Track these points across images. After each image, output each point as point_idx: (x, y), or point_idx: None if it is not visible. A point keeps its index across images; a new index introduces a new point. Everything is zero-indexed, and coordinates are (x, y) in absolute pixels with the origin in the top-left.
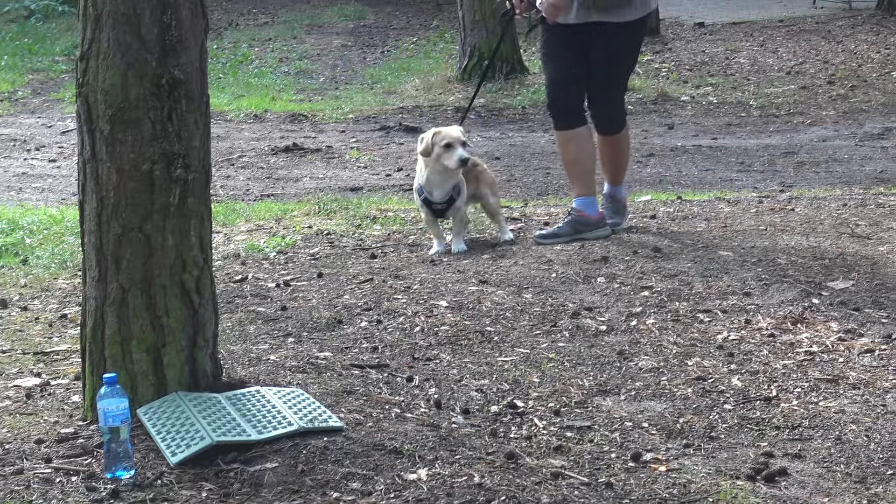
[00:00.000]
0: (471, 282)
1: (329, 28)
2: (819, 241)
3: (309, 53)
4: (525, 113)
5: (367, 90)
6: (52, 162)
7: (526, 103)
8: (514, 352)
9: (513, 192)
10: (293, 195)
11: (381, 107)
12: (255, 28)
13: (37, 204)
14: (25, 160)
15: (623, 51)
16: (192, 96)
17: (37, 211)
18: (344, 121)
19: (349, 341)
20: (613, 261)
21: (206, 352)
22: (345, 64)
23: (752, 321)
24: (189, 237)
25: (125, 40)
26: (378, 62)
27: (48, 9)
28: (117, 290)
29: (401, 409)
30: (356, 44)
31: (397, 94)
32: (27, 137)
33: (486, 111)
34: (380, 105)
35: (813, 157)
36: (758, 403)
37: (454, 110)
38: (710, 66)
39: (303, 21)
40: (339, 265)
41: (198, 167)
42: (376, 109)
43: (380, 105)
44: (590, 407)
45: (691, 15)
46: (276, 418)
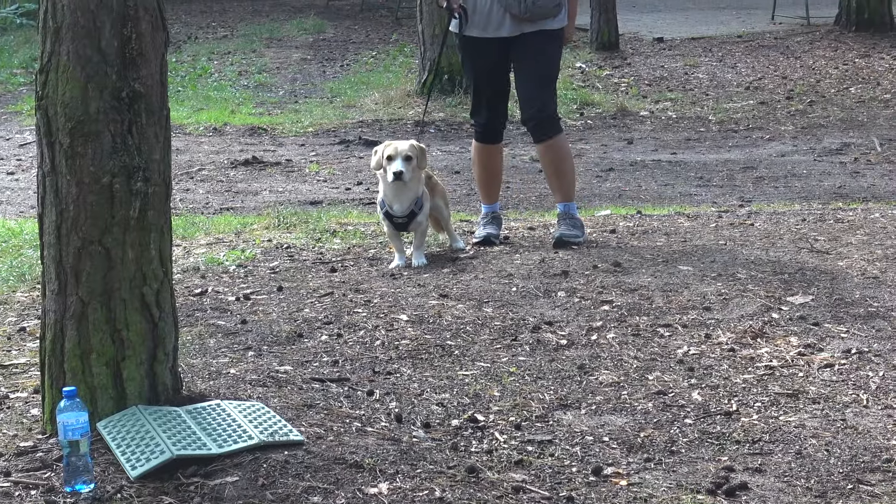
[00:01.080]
0: (431, 296)
1: (288, 42)
2: (779, 255)
3: (268, 67)
4: None
5: (326, 104)
6: (9, 175)
7: None
8: (475, 366)
9: (473, 206)
10: (253, 208)
11: (341, 120)
12: (214, 41)
13: None
14: None
15: (552, 58)
16: (153, 109)
17: None
18: (303, 134)
19: (309, 355)
20: (573, 275)
21: (167, 365)
22: (304, 77)
23: (712, 336)
24: (149, 250)
25: (85, 53)
26: (337, 76)
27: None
28: (77, 304)
29: (361, 422)
30: (315, 57)
31: (357, 108)
32: None
33: (445, 125)
34: (339, 119)
35: (772, 172)
36: (718, 418)
37: (414, 124)
38: (669, 81)
39: (262, 35)
40: (299, 279)
41: (158, 180)
42: (336, 123)
43: (339, 119)
44: (550, 421)
45: (650, 30)
46: (237, 432)
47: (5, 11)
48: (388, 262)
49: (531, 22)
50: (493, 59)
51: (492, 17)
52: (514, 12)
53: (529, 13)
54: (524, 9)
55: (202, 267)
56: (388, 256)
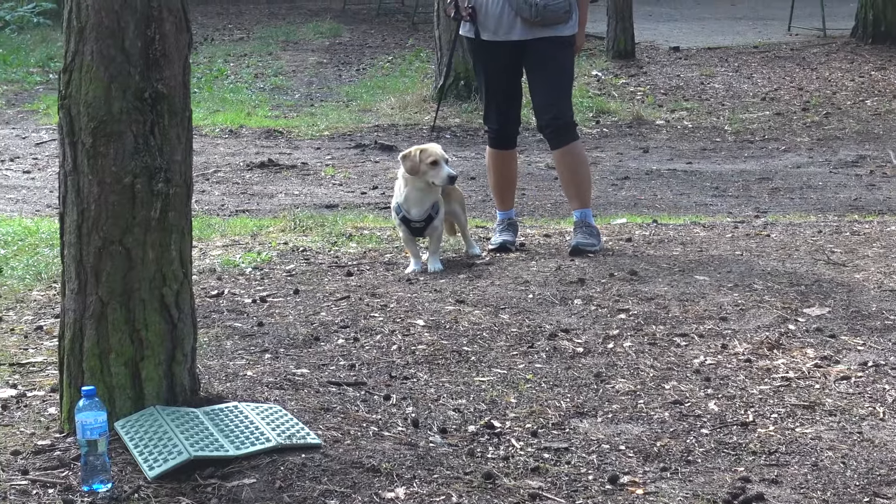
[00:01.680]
0: (448, 301)
1: (305, 45)
2: (795, 267)
3: (284, 70)
4: None
5: (342, 107)
6: (26, 173)
7: None
8: (492, 372)
9: (488, 213)
10: (268, 211)
11: (357, 124)
12: (230, 44)
13: (11, 215)
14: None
15: (565, 64)
16: (175, 110)
17: (11, 222)
18: (319, 138)
19: (326, 358)
20: (590, 283)
21: (185, 366)
22: (320, 81)
23: (728, 346)
24: (169, 251)
25: (109, 53)
26: (353, 80)
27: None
28: (96, 303)
29: (378, 427)
30: (332, 61)
31: (373, 112)
32: (1, 148)
33: (461, 131)
34: (355, 123)
35: (787, 183)
36: (734, 428)
37: (429, 129)
38: (685, 90)
39: (278, 37)
40: (315, 282)
41: (179, 181)
42: (352, 127)
43: (355, 123)
44: (567, 428)
45: (666, 39)
46: (254, 434)
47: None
48: (403, 267)
49: (542, 27)
50: (504, 62)
51: (502, 20)
52: (524, 16)
53: (540, 17)
54: (535, 13)
55: (218, 269)
56: (403, 261)
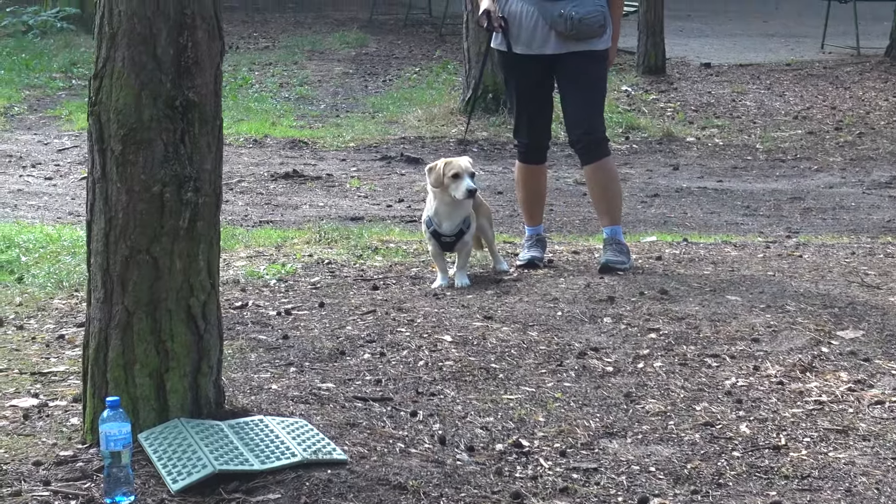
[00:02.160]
0: (475, 317)
1: (330, 55)
2: (828, 288)
3: (310, 80)
4: None
5: (368, 119)
6: (48, 180)
7: None
8: (520, 390)
9: (516, 228)
10: (293, 222)
11: (383, 136)
12: (255, 52)
13: (32, 222)
14: (21, 177)
15: (598, 78)
16: (206, 119)
17: (33, 229)
18: (345, 149)
19: (352, 373)
20: (620, 301)
21: (210, 378)
22: (346, 91)
23: (760, 368)
24: (197, 261)
25: (140, 60)
26: (380, 91)
27: (46, 25)
28: (122, 313)
29: (405, 443)
30: (358, 71)
31: (399, 124)
32: (23, 154)
33: (488, 144)
34: (381, 134)
35: (820, 203)
36: (766, 451)
37: (457, 142)
38: (716, 107)
39: (304, 47)
40: (340, 295)
41: (209, 191)
42: (378, 139)
43: (381, 134)
44: (596, 449)
45: (697, 55)
46: (280, 448)
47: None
48: (430, 282)
49: (576, 41)
50: (537, 77)
51: (536, 34)
52: (559, 30)
53: (575, 31)
54: (569, 26)
55: (242, 280)
56: (430, 276)
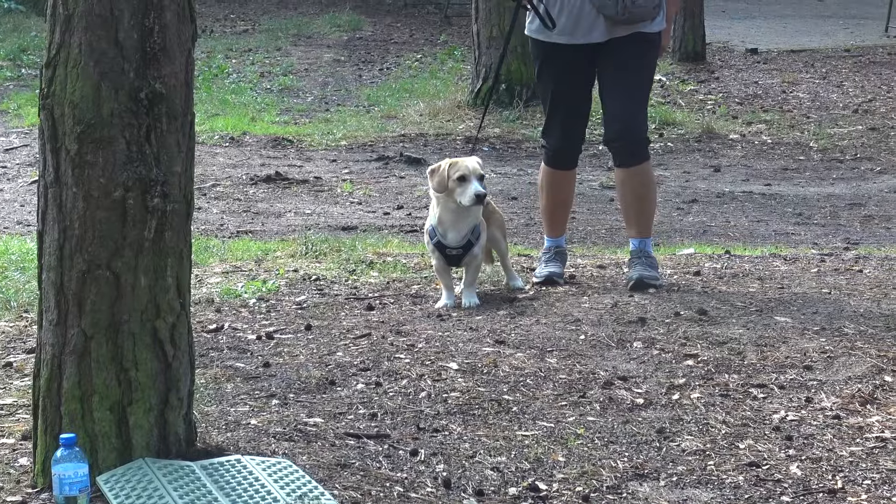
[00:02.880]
0: (485, 341)
1: (319, 40)
2: (892, 308)
3: (295, 68)
4: None
5: (362, 113)
6: None
7: None
8: (536, 425)
9: (531, 239)
10: (275, 233)
11: (379, 133)
12: (232, 37)
13: None
14: None
15: (648, 67)
16: (175, 114)
17: None
18: (335, 148)
19: (343, 406)
20: (652, 323)
21: (180, 412)
22: (337, 82)
23: (813, 399)
24: (165, 278)
25: (99, 46)
26: (376, 81)
27: None
28: (79, 337)
29: (404, 487)
30: (350, 59)
31: (398, 120)
32: None
33: (501, 143)
34: (377, 131)
35: (883, 210)
36: (820, 496)
37: (465, 140)
38: (763, 99)
39: (289, 30)
40: (330, 316)
41: (178, 196)
42: (373, 136)
43: (377, 131)
44: (624, 493)
45: (742, 40)
46: (260, 493)
47: None
48: (434, 301)
49: (626, 25)
50: (577, 70)
51: (582, 19)
52: (608, 13)
53: (628, 14)
54: (621, 9)
55: (217, 299)
56: (434, 294)
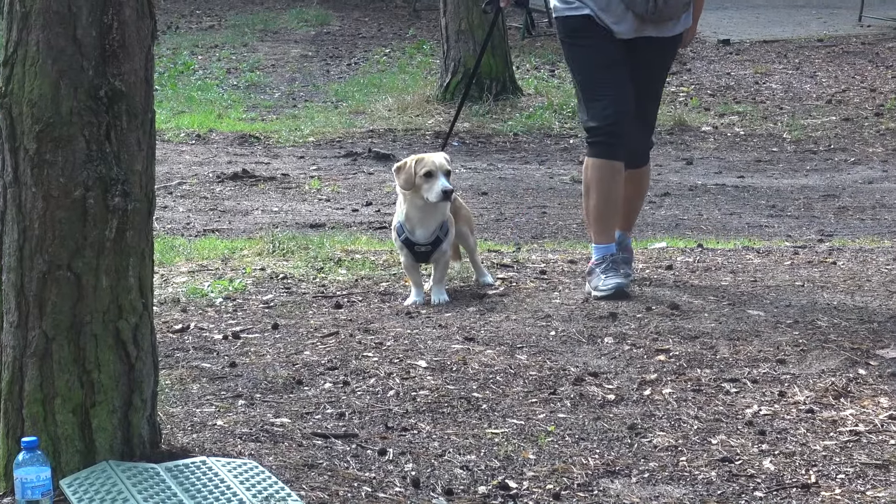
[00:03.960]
0: (455, 339)
1: (286, 35)
2: (866, 300)
3: (262, 64)
4: (517, 141)
5: (330, 109)
6: None
7: (519, 129)
8: (506, 423)
9: (502, 235)
10: (242, 231)
11: (348, 129)
12: (198, 33)
13: None
14: None
15: (667, 70)
16: (135, 112)
17: None
18: (303, 144)
19: (311, 406)
20: (623, 318)
21: (144, 414)
22: (304, 77)
23: (787, 393)
24: (127, 278)
25: (58, 43)
26: (344, 76)
27: None
28: (40, 339)
29: (372, 487)
30: (318, 54)
31: (366, 115)
32: None
33: (471, 138)
34: (346, 127)
35: (857, 201)
36: (794, 491)
37: (434, 135)
38: (736, 91)
39: (255, 26)
40: (297, 315)
41: (139, 195)
42: (341, 132)
43: (346, 127)
44: (595, 490)
45: (715, 31)
46: (226, 495)
47: None
48: (402, 298)
49: (653, 24)
50: (613, 49)
51: (610, 10)
52: (637, 11)
53: (658, 13)
54: (651, 8)
55: (183, 299)
56: (402, 291)
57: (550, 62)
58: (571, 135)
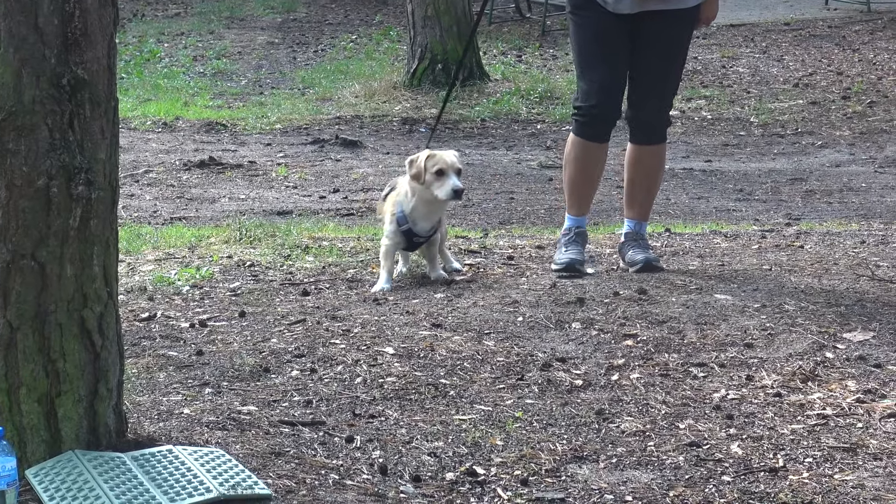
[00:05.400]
0: (422, 325)
1: (252, 22)
2: (833, 283)
3: (228, 51)
4: (485, 127)
5: (297, 96)
6: None
7: (486, 115)
8: (474, 409)
9: (470, 220)
10: (209, 219)
11: (315, 116)
12: (164, 20)
13: None
14: None
15: (683, 46)
16: (98, 100)
17: None
18: (270, 132)
19: (278, 393)
20: (591, 303)
21: (109, 403)
22: (271, 64)
23: (754, 377)
24: (91, 266)
25: (19, 32)
26: (310, 63)
27: None
28: (4, 328)
29: (339, 474)
30: (284, 41)
31: (333, 102)
32: None
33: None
34: (312, 114)
35: (824, 184)
36: (762, 475)
37: (401, 122)
38: (703, 75)
39: (221, 13)
40: (264, 303)
41: (103, 184)
42: (308, 119)
43: (312, 114)
44: (563, 476)
45: None
46: (192, 483)
47: None
48: (370, 285)
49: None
50: (612, 33)
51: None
52: None
53: None
54: None
55: (150, 287)
56: (370, 278)
57: (517, 48)
58: (539, 120)
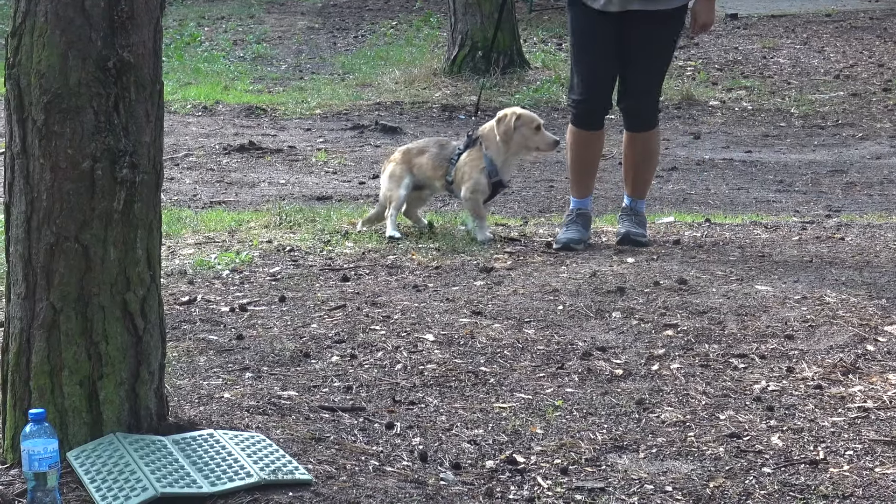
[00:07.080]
0: (462, 312)
1: (293, 6)
2: (874, 276)
3: (269, 36)
4: None
5: (337, 81)
6: None
7: (526, 102)
8: (514, 397)
9: (509, 208)
10: (249, 203)
11: (354, 102)
12: (204, 4)
13: None
14: None
15: (666, 44)
16: (144, 83)
17: None
18: (310, 117)
19: (318, 379)
20: (631, 293)
21: (151, 386)
22: (311, 50)
23: (795, 369)
24: (134, 250)
25: (66, 14)
26: (351, 49)
27: None
28: (48, 310)
29: (379, 461)
30: (325, 26)
31: (373, 88)
32: None
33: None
34: (352, 100)
35: (865, 176)
36: (802, 467)
37: (440, 108)
38: (744, 65)
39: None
40: (304, 288)
41: (147, 167)
42: (348, 105)
43: (352, 100)
44: (603, 465)
45: (722, 5)
46: (233, 468)
47: None
48: (411, 272)
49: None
50: (603, 31)
51: None
52: None
53: None
54: None
55: (190, 271)
56: (409, 265)
57: (558, 35)
58: None
